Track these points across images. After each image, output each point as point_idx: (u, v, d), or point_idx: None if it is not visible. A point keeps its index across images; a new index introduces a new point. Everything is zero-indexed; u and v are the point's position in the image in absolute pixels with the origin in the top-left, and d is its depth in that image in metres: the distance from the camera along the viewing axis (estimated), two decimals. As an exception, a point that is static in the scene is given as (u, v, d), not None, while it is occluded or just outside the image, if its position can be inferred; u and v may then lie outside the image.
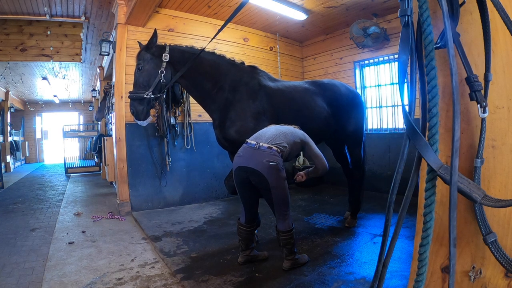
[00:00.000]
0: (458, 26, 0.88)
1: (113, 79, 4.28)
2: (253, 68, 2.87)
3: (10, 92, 9.92)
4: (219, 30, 2.10)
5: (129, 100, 4.08)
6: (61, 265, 2.45)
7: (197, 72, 2.64)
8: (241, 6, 1.58)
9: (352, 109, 3.17)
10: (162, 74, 2.52)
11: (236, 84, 2.70)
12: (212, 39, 2.36)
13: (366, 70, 5.16)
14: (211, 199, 4.65)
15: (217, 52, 2.82)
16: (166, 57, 2.52)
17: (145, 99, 2.48)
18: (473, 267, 0.89)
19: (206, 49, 2.66)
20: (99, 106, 7.68)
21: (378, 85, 4.95)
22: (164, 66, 2.53)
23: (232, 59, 2.82)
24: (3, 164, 7.81)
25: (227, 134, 2.66)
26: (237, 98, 2.66)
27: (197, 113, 4.54)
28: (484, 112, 0.81)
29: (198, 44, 4.12)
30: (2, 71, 7.25)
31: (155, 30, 2.62)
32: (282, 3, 4.16)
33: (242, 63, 2.87)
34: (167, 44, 2.62)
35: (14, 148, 10.43)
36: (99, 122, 8.60)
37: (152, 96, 2.50)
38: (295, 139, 2.25)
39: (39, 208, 4.55)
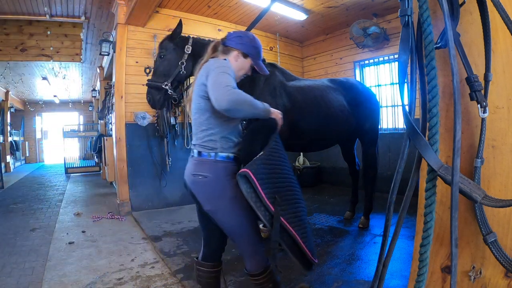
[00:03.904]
0: (458, 26, 0.88)
1: (113, 79, 4.28)
2: (272, 65, 2.85)
3: (10, 92, 9.91)
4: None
5: (130, 100, 4.11)
6: (61, 265, 2.45)
7: None
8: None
9: (370, 108, 3.15)
10: (183, 66, 2.49)
11: (255, 80, 2.67)
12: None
13: (366, 70, 5.16)
14: (211, 199, 4.64)
15: None
16: (188, 49, 2.50)
17: (162, 89, 2.47)
18: (473, 267, 0.89)
19: None
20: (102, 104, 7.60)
21: (378, 85, 4.95)
22: (186, 58, 2.50)
23: None
24: (3, 164, 7.80)
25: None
26: (256, 94, 2.62)
27: (197, 113, 4.54)
28: (484, 112, 0.81)
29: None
30: (2, 71, 7.24)
31: (180, 20, 2.56)
32: (282, 3, 4.16)
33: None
34: (191, 36, 2.60)
35: (14, 148, 10.43)
36: (100, 121, 8.56)
37: (171, 86, 2.48)
38: (200, 94, 1.37)
39: (39, 208, 4.55)
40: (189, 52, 2.51)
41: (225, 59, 1.45)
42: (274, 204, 1.19)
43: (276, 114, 1.39)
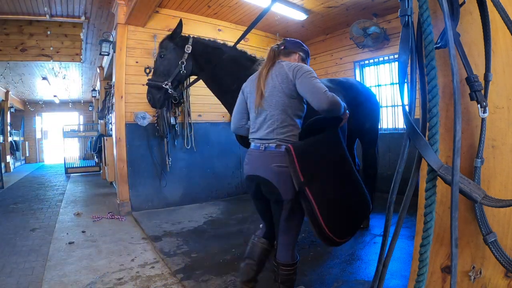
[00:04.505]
0: (458, 26, 0.88)
1: (113, 79, 4.28)
2: None
3: (10, 92, 9.91)
4: (246, 32, 2.25)
5: (130, 100, 4.11)
6: (61, 265, 2.45)
7: (218, 67, 2.61)
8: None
9: (369, 108, 3.14)
10: (183, 65, 2.51)
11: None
12: (239, 40, 2.40)
13: (366, 70, 5.16)
14: (211, 199, 4.64)
15: (239, 47, 2.79)
16: (188, 48, 2.51)
17: (163, 88, 2.48)
18: (473, 267, 0.89)
19: (229, 44, 2.67)
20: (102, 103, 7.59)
21: (378, 85, 4.95)
22: (186, 58, 2.52)
23: (253, 55, 2.80)
24: (3, 164, 7.80)
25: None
26: None
27: (197, 113, 4.54)
28: (484, 112, 0.81)
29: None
30: (2, 71, 7.24)
31: (181, 20, 2.58)
32: (282, 3, 4.16)
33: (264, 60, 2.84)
34: (191, 36, 2.60)
35: (14, 148, 10.42)
36: (100, 121, 8.56)
37: (171, 86, 2.49)
38: (286, 93, 1.50)
39: (39, 208, 4.55)
40: (189, 51, 2.52)
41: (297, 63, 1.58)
42: (305, 176, 1.38)
43: (346, 115, 1.59)
